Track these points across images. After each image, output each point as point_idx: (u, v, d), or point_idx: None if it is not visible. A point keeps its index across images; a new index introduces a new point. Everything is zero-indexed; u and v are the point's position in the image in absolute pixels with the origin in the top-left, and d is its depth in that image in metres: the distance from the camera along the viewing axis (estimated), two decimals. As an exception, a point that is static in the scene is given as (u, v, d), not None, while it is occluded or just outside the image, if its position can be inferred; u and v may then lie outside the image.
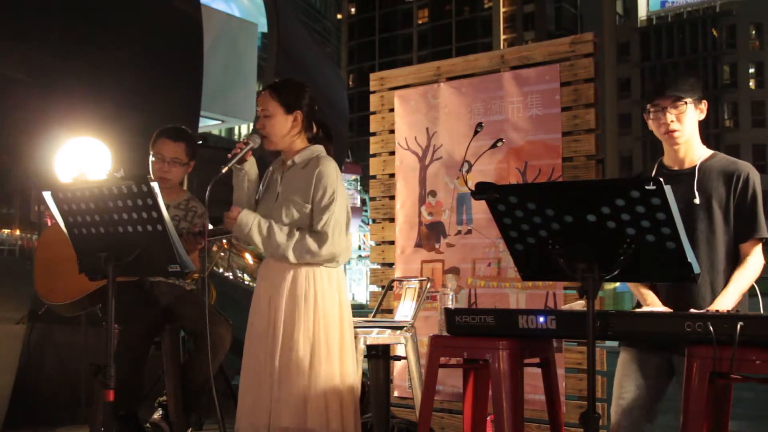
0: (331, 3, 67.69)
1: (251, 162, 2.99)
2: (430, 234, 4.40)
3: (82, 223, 2.54)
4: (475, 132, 3.47)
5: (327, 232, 2.83)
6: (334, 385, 2.83)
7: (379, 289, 4.59)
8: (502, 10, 64.91)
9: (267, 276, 2.93)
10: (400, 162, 4.56)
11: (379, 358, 3.85)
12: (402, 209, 4.54)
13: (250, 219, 2.86)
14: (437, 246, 4.37)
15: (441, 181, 4.39)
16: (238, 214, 2.86)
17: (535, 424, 3.88)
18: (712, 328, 2.12)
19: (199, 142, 5.19)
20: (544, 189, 2.23)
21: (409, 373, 3.71)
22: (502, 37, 64.01)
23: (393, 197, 4.59)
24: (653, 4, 58.39)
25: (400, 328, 3.64)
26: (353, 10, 71.79)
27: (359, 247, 41.47)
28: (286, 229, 2.85)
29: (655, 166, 2.84)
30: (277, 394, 2.78)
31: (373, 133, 4.74)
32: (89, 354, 4.58)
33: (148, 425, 3.61)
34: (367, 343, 3.49)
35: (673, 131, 2.69)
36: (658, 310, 2.58)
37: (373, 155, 4.72)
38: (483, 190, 2.13)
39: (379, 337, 3.56)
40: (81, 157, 5.05)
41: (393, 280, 4.38)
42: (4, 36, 7.55)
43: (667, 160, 2.81)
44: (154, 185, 2.38)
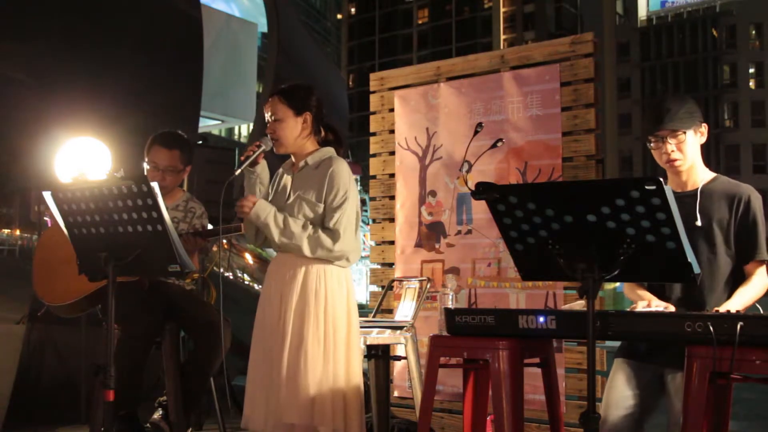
0: (331, 3, 67.70)
1: (263, 165, 3.01)
2: (430, 234, 4.40)
3: (82, 223, 2.54)
4: (475, 132, 3.47)
5: (339, 230, 2.86)
6: (340, 384, 2.84)
7: (379, 289, 4.59)
8: (502, 10, 64.91)
9: (278, 273, 2.94)
10: (400, 162, 4.56)
11: (379, 358, 3.85)
12: (402, 209, 4.54)
13: (267, 207, 2.89)
14: (437, 246, 4.37)
15: (441, 181, 4.39)
16: (254, 202, 2.88)
17: (535, 424, 3.88)
18: (712, 328, 2.13)
19: (199, 142, 5.21)
20: (544, 189, 2.24)
21: (409, 373, 3.71)
22: (502, 37, 64.01)
23: (393, 197, 4.59)
24: (653, 4, 58.39)
25: (400, 328, 3.64)
26: (353, 10, 71.78)
27: (359, 247, 41.41)
28: (300, 221, 2.87)
29: None
30: (285, 390, 2.79)
31: (373, 133, 4.74)
32: (89, 354, 4.59)
33: (148, 425, 3.61)
34: (367, 343, 3.49)
35: (674, 160, 2.71)
36: (657, 309, 2.58)
37: (373, 155, 4.72)
38: (483, 190, 2.13)
39: (379, 337, 3.56)
40: (81, 157, 5.05)
41: (393, 280, 4.38)
42: (4, 36, 7.56)
43: (670, 183, 2.82)
44: (154, 185, 2.39)
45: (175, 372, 3.53)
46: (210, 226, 3.71)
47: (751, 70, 53.81)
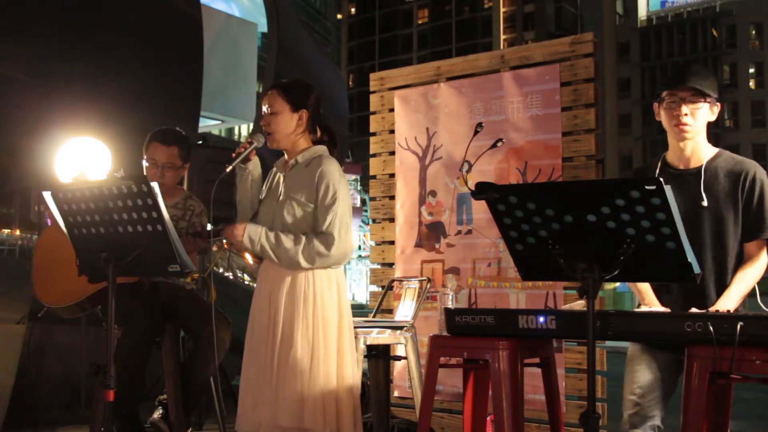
0: (331, 3, 67.70)
1: (255, 161, 2.99)
2: (430, 234, 4.40)
3: (82, 223, 2.54)
4: (475, 132, 3.47)
5: (333, 232, 2.83)
6: (332, 386, 2.83)
7: (379, 289, 4.59)
8: (502, 10, 64.92)
9: (268, 275, 2.94)
10: (400, 162, 4.56)
11: (379, 358, 3.86)
12: (402, 209, 4.54)
13: (258, 231, 2.86)
14: (437, 246, 4.36)
15: (441, 181, 4.39)
16: (243, 230, 2.85)
17: (535, 424, 3.88)
18: (712, 328, 2.13)
19: (199, 142, 5.20)
20: (544, 189, 2.23)
21: (409, 373, 3.71)
22: (502, 37, 64.02)
23: (393, 197, 4.59)
24: (653, 4, 58.41)
25: (400, 328, 3.64)
26: (353, 10, 71.80)
27: (359, 247, 41.46)
28: (291, 235, 2.85)
29: (659, 163, 2.82)
30: (276, 393, 2.79)
31: (373, 133, 4.74)
32: (89, 354, 4.59)
33: (148, 425, 3.61)
34: (367, 343, 3.49)
35: (684, 125, 2.66)
36: (657, 310, 2.59)
37: (373, 155, 4.72)
38: (483, 190, 2.13)
39: (379, 337, 3.56)
40: (81, 157, 5.05)
41: (393, 280, 4.38)
42: (4, 35, 7.55)
43: (672, 158, 2.79)
44: (154, 185, 2.39)
45: (175, 372, 3.53)
46: (210, 226, 3.71)
47: (751, 70, 53.83)
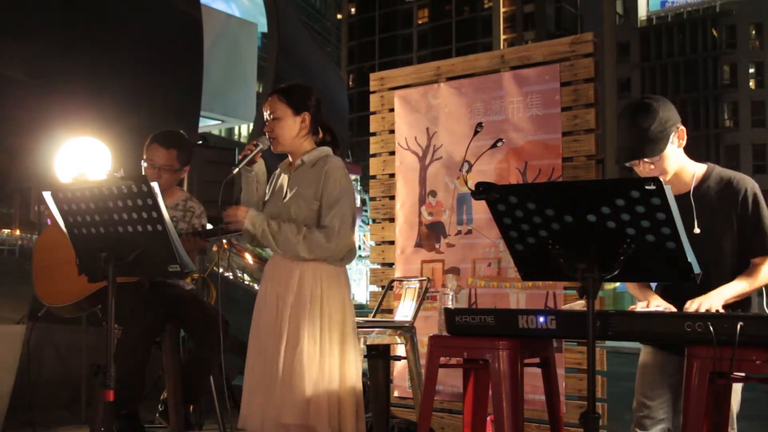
0: (331, 3, 67.70)
1: (260, 164, 3.02)
2: (430, 234, 4.40)
3: (82, 223, 2.54)
4: (475, 132, 3.47)
5: (334, 227, 2.85)
6: (336, 384, 2.84)
7: (379, 289, 4.59)
8: (502, 10, 64.90)
9: (274, 275, 2.94)
10: (400, 162, 4.56)
11: (379, 358, 3.85)
12: (402, 209, 4.54)
13: (260, 216, 2.89)
14: (437, 246, 4.36)
15: (441, 181, 4.39)
16: (245, 213, 2.88)
17: (535, 424, 3.88)
18: (712, 328, 2.13)
19: (199, 142, 5.20)
20: (544, 189, 2.24)
21: (409, 373, 3.71)
22: (502, 37, 64.01)
23: (393, 197, 4.59)
24: (653, 4, 58.37)
25: (400, 328, 3.64)
26: (353, 10, 71.78)
27: (359, 247, 41.46)
28: (293, 225, 2.87)
29: None
30: (281, 391, 2.79)
31: (373, 133, 4.74)
32: (89, 354, 4.59)
33: (150, 423, 3.61)
34: (367, 343, 3.49)
35: (658, 176, 2.67)
36: (659, 309, 2.58)
37: (373, 155, 4.72)
38: (483, 190, 2.13)
39: (379, 337, 3.56)
40: (81, 157, 5.05)
41: (393, 280, 4.38)
42: (4, 35, 7.55)
43: None
44: (154, 185, 2.39)
45: (175, 372, 3.53)
46: (209, 226, 3.71)
47: (751, 70, 53.80)
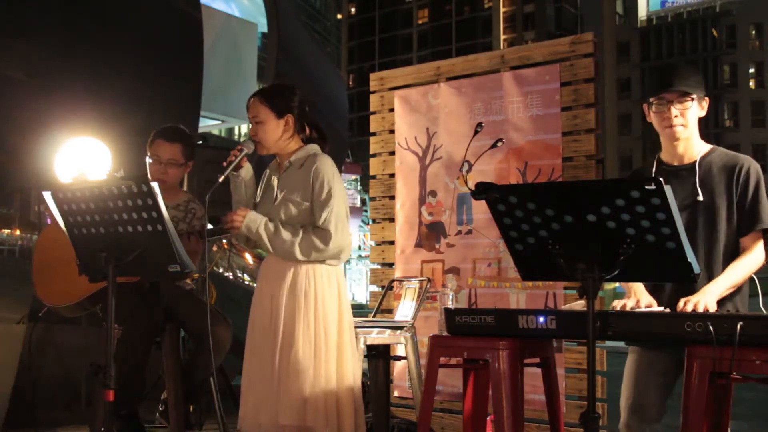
0: (331, 3, 67.66)
1: (247, 168, 3.01)
2: (430, 234, 4.40)
3: (82, 223, 2.54)
4: (475, 132, 3.47)
5: (329, 228, 2.85)
6: (333, 385, 2.84)
7: (379, 289, 4.59)
8: (502, 10, 64.89)
9: (268, 275, 2.95)
10: (400, 162, 4.56)
11: (379, 358, 3.86)
12: (402, 209, 4.54)
13: (258, 218, 2.89)
14: (437, 246, 4.36)
15: (441, 181, 4.39)
16: (243, 216, 2.88)
17: (535, 424, 3.88)
18: (712, 328, 2.13)
19: (199, 142, 5.20)
20: (544, 189, 2.24)
21: (409, 373, 3.71)
22: (502, 37, 64.00)
23: (393, 197, 4.59)
24: (653, 4, 58.39)
25: (400, 328, 3.64)
26: (353, 10, 71.77)
27: (359, 247, 41.44)
28: (290, 227, 2.87)
29: (654, 162, 2.83)
30: (278, 392, 2.79)
31: (373, 133, 4.74)
32: (89, 354, 4.58)
33: (149, 424, 3.61)
34: (367, 343, 3.49)
35: (676, 125, 2.67)
36: (657, 310, 2.58)
37: (373, 155, 4.72)
38: (483, 190, 2.13)
39: (379, 337, 3.56)
40: (81, 157, 5.05)
41: (393, 280, 4.38)
42: (4, 35, 7.55)
43: (666, 156, 2.80)
44: (154, 185, 2.39)
45: (175, 372, 3.53)
46: (210, 226, 3.71)
47: (751, 70, 53.83)
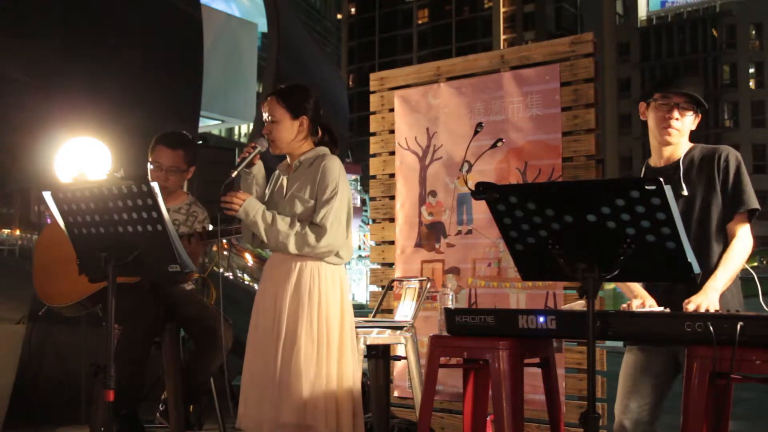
0: (331, 3, 67.66)
1: (259, 165, 3.01)
2: (430, 234, 4.40)
3: (82, 223, 2.54)
4: (475, 132, 3.47)
5: (325, 225, 2.85)
6: (333, 384, 2.84)
7: (379, 289, 4.59)
8: (502, 10, 64.90)
9: (272, 273, 2.95)
10: (400, 162, 4.56)
11: (379, 358, 3.86)
12: (402, 209, 4.54)
13: (256, 206, 2.90)
14: (437, 246, 4.37)
15: (441, 181, 4.39)
16: (243, 200, 2.89)
17: (535, 424, 3.88)
18: (712, 328, 2.13)
19: (199, 142, 5.20)
20: (544, 189, 2.24)
21: (409, 373, 3.71)
22: (502, 37, 64.00)
23: (393, 197, 4.59)
24: (653, 4, 58.39)
25: (400, 328, 3.64)
26: (353, 10, 71.76)
27: (359, 247, 41.44)
28: (288, 219, 2.88)
29: (643, 168, 2.87)
30: (279, 390, 2.80)
31: (373, 133, 4.74)
32: (89, 354, 4.58)
33: (149, 424, 3.61)
34: (367, 343, 3.49)
35: (672, 127, 2.69)
36: (656, 309, 2.58)
37: (373, 155, 4.72)
38: (483, 190, 2.13)
39: (379, 337, 3.56)
40: (81, 157, 5.06)
41: (393, 280, 4.38)
42: (4, 35, 7.55)
43: (654, 161, 2.83)
44: (154, 185, 2.39)
45: (175, 372, 3.53)
46: (210, 227, 3.71)
47: (751, 70, 53.81)
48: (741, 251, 2.62)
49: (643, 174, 2.82)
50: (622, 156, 56.22)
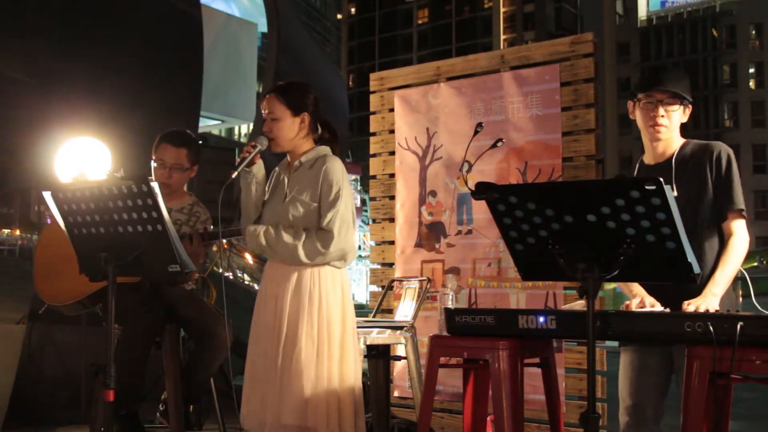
0: (331, 3, 67.64)
1: (259, 164, 2.99)
2: (430, 234, 4.40)
3: (82, 223, 2.54)
4: (475, 132, 3.47)
5: (333, 230, 2.84)
6: (334, 385, 2.84)
7: (379, 289, 4.59)
8: (502, 10, 64.89)
9: (273, 277, 2.95)
10: (400, 162, 4.56)
11: (379, 358, 3.85)
12: (402, 209, 4.54)
13: (257, 229, 2.91)
14: (437, 246, 4.36)
15: (441, 181, 4.39)
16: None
17: (535, 424, 3.88)
18: (712, 328, 2.13)
19: (200, 142, 5.20)
20: (544, 189, 2.24)
21: (409, 373, 3.71)
22: (502, 37, 63.99)
23: (393, 197, 4.59)
24: (653, 4, 58.38)
25: (400, 328, 3.64)
26: (353, 10, 71.75)
27: (359, 247, 41.45)
28: (291, 230, 2.86)
29: (637, 165, 2.87)
30: (281, 391, 2.80)
31: (373, 133, 4.74)
32: (89, 354, 4.58)
33: (149, 424, 3.61)
34: (367, 343, 3.49)
35: (660, 125, 2.70)
36: (657, 309, 2.58)
37: (373, 155, 4.72)
38: (483, 190, 2.13)
39: (379, 337, 3.56)
40: (81, 157, 5.06)
41: (393, 280, 4.38)
42: (4, 35, 7.56)
43: (647, 158, 2.84)
44: (154, 185, 2.39)
45: (175, 372, 3.53)
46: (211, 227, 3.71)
47: (751, 70, 53.79)
48: (738, 251, 2.62)
49: (637, 172, 2.82)
50: (622, 156, 56.17)
